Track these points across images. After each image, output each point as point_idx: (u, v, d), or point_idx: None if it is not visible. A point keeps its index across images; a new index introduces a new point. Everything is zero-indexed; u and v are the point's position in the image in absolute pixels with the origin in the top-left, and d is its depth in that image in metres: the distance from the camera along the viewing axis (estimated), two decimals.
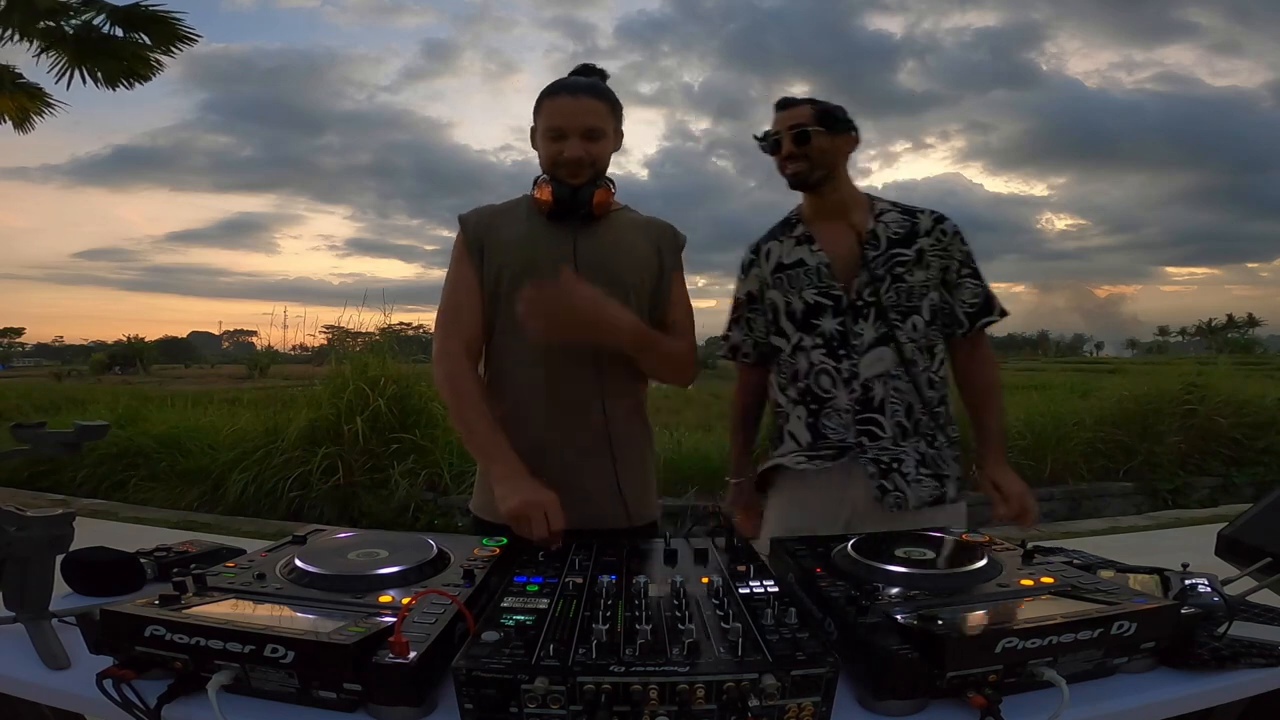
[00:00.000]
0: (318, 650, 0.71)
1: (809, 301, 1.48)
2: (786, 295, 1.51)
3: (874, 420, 1.44)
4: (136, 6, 5.94)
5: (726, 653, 0.72)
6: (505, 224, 1.35)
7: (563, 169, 1.29)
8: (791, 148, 1.48)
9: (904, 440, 1.45)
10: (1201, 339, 59.03)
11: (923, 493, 1.44)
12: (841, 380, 1.45)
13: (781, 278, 1.52)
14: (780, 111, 1.52)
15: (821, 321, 1.47)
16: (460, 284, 1.34)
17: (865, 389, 1.44)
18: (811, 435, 1.47)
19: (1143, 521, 4.42)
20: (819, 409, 1.47)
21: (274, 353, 14.58)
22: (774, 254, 1.54)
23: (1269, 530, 1.08)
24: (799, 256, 1.51)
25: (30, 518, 0.95)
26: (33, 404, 8.09)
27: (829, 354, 1.46)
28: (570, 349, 1.28)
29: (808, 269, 1.49)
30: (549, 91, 1.32)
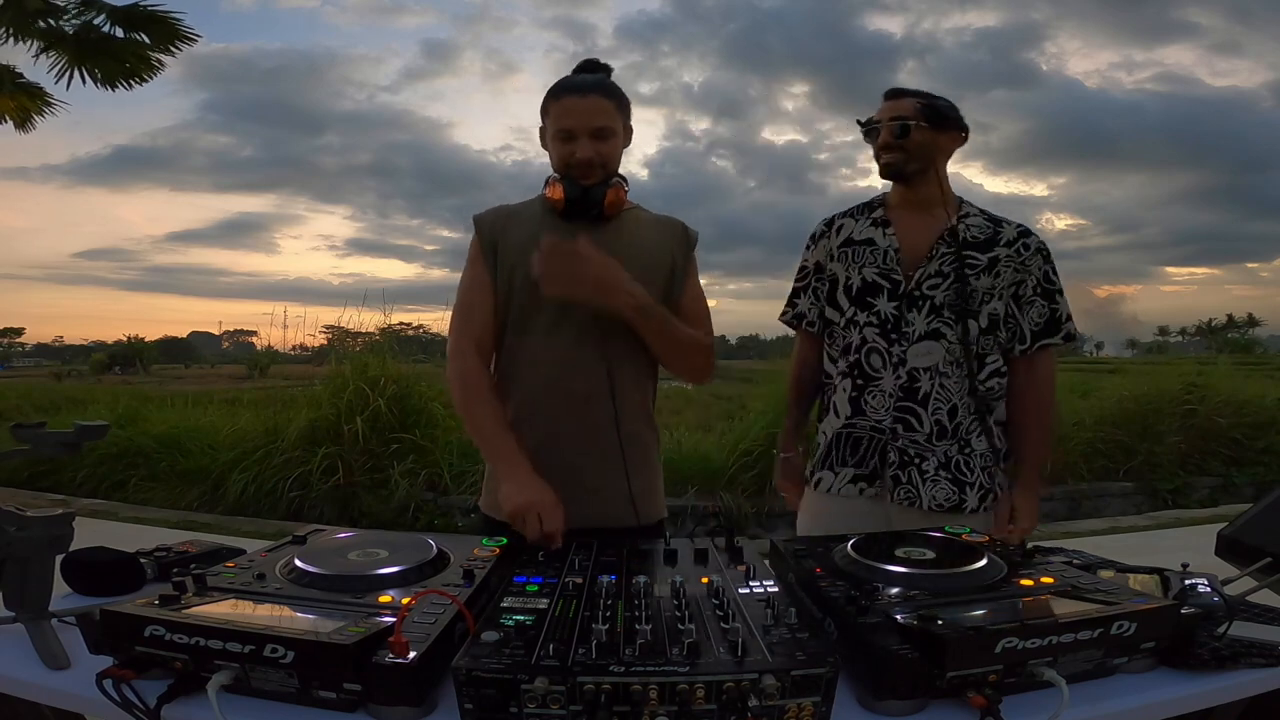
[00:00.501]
0: (318, 650, 0.71)
1: (867, 279, 1.51)
2: (848, 269, 1.54)
3: (913, 410, 1.47)
4: (136, 6, 5.94)
5: (726, 653, 0.72)
6: (518, 225, 1.35)
7: (574, 171, 1.29)
8: (889, 139, 1.49)
9: (938, 440, 1.47)
10: (1201, 339, 59.05)
11: (937, 494, 1.46)
12: (890, 363, 1.48)
13: (847, 251, 1.55)
14: (886, 101, 1.53)
15: (877, 301, 1.50)
16: (474, 284, 1.34)
17: (911, 377, 1.47)
18: (852, 409, 1.52)
19: (1143, 521, 4.42)
20: (865, 385, 1.51)
21: (274, 353, 14.57)
22: (845, 229, 1.57)
23: (1269, 530, 1.08)
24: (870, 236, 1.54)
25: (30, 518, 0.95)
26: (33, 404, 8.08)
27: (881, 334, 1.49)
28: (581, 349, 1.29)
29: (875, 248, 1.52)
30: (556, 92, 1.31)
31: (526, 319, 1.31)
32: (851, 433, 1.52)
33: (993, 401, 1.50)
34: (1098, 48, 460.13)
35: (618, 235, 1.33)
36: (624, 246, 1.32)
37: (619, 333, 1.30)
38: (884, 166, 1.51)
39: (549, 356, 1.30)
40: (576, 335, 1.29)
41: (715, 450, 4.92)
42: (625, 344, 1.31)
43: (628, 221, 1.36)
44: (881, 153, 1.51)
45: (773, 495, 4.48)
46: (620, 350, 1.31)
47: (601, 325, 1.28)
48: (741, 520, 4.43)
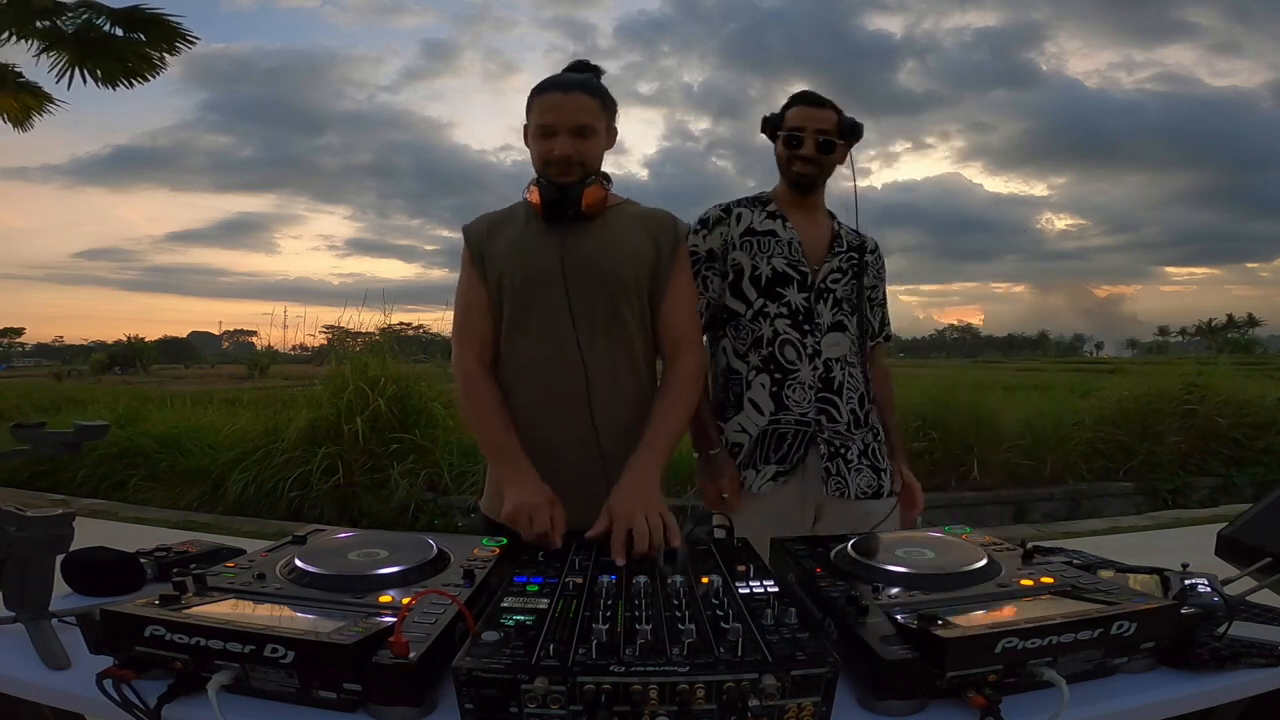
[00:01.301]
0: (318, 650, 0.71)
1: (777, 269, 1.54)
2: (754, 259, 1.55)
3: (832, 401, 1.53)
4: (135, 7, 5.94)
5: (726, 653, 0.72)
6: (503, 231, 1.36)
7: (552, 167, 1.28)
8: (813, 152, 1.54)
9: (855, 429, 1.54)
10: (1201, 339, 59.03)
11: (861, 482, 1.53)
12: (806, 355, 1.52)
13: (751, 241, 1.56)
14: (808, 107, 1.56)
15: (787, 292, 1.53)
16: (469, 295, 1.35)
17: (827, 368, 1.53)
18: (775, 405, 1.53)
19: (1143, 521, 4.42)
20: (783, 379, 1.53)
21: (274, 353, 14.56)
22: (745, 219, 1.59)
23: (1269, 530, 1.08)
24: (771, 228, 1.57)
25: (30, 518, 0.95)
26: (33, 404, 8.07)
27: (794, 326, 1.53)
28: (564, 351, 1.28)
29: (779, 240, 1.56)
30: (540, 89, 1.30)
31: (518, 322, 1.32)
32: (777, 428, 1.52)
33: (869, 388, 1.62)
34: (1098, 48, 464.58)
35: (599, 233, 1.32)
36: (605, 244, 1.32)
37: (603, 333, 1.30)
38: (797, 175, 1.56)
39: (535, 359, 1.31)
40: (560, 336, 1.29)
41: None
42: (610, 344, 1.31)
43: (612, 218, 1.35)
44: (797, 161, 1.55)
45: None
46: (604, 351, 1.30)
47: (588, 325, 1.29)
48: None
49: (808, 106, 1.56)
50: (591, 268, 1.30)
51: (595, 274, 1.30)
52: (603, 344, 1.30)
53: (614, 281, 1.31)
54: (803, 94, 1.59)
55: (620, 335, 1.32)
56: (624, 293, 1.31)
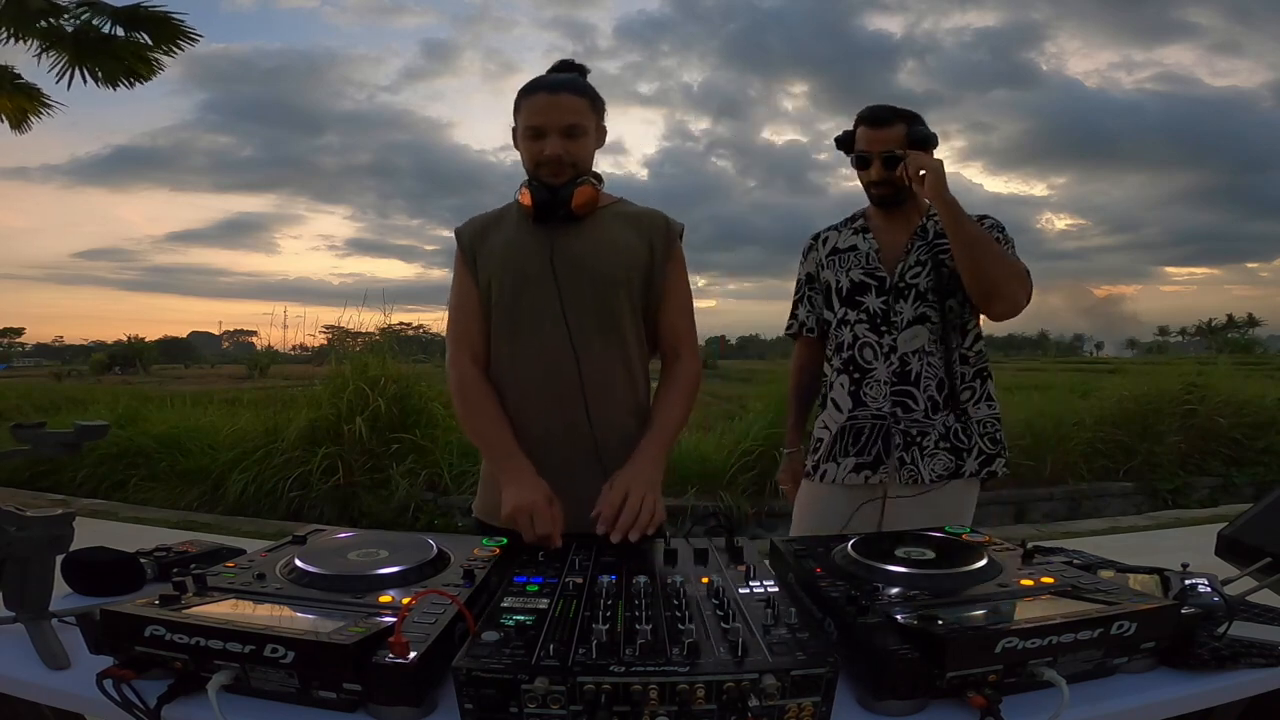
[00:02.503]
0: (318, 650, 0.71)
1: (854, 280, 1.62)
2: (837, 275, 1.66)
3: (908, 393, 1.58)
4: (137, 7, 5.94)
5: (726, 653, 0.72)
6: (494, 232, 1.36)
7: (543, 169, 1.28)
8: (882, 172, 1.57)
9: (934, 414, 1.57)
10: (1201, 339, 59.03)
11: (935, 465, 1.56)
12: (882, 354, 1.59)
13: (835, 259, 1.68)
14: (870, 129, 1.59)
15: (865, 299, 1.61)
16: (462, 296, 1.36)
17: (903, 363, 1.58)
18: (853, 402, 1.62)
19: (1143, 521, 4.42)
20: (861, 378, 1.61)
21: (274, 353, 14.56)
22: (830, 241, 1.71)
23: (1269, 530, 1.08)
24: (853, 243, 1.67)
25: (30, 518, 0.95)
26: (33, 404, 8.07)
27: (871, 329, 1.61)
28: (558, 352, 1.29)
29: (858, 252, 1.65)
30: (527, 90, 1.30)
31: (509, 323, 1.32)
32: (854, 424, 1.61)
33: (981, 367, 1.62)
34: (1098, 48, 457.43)
35: (591, 233, 1.32)
36: (596, 244, 1.31)
37: (602, 332, 1.30)
38: (877, 198, 1.62)
39: (531, 359, 1.30)
40: (554, 337, 1.29)
41: (715, 450, 4.92)
42: (605, 345, 1.31)
43: (604, 218, 1.34)
44: (873, 186, 1.61)
45: (773, 495, 4.48)
46: (599, 352, 1.30)
47: (579, 326, 1.28)
48: (741, 520, 4.43)
49: (870, 128, 1.59)
50: (582, 268, 1.30)
51: (586, 274, 1.29)
52: (597, 343, 1.30)
53: (605, 281, 1.30)
54: (866, 113, 1.60)
55: (613, 335, 1.31)
56: (615, 292, 1.31)
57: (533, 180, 1.30)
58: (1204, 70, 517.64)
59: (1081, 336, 37.81)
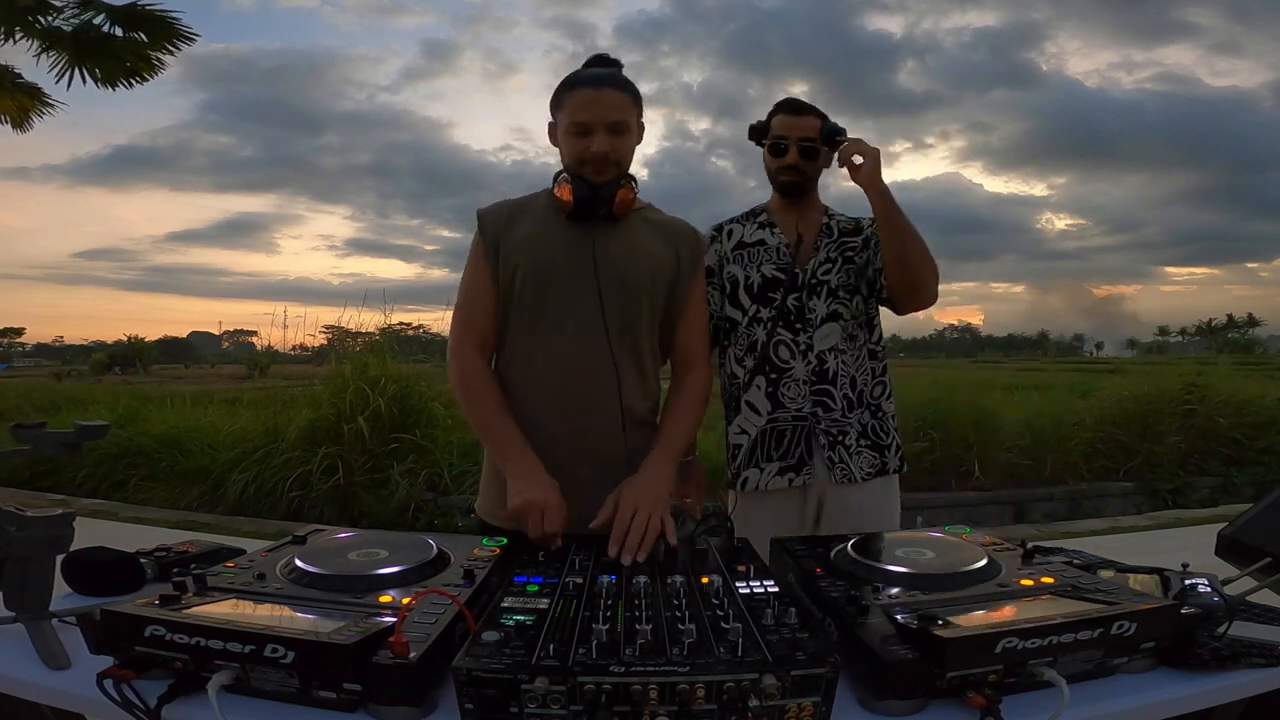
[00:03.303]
0: (318, 650, 0.71)
1: (766, 275, 1.59)
2: (746, 269, 1.62)
3: (827, 392, 1.56)
4: (135, 6, 5.94)
5: (726, 653, 0.72)
6: (522, 221, 1.33)
7: (589, 166, 1.26)
8: (797, 159, 1.58)
9: (850, 412, 1.56)
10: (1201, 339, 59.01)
11: (863, 464, 1.56)
12: (799, 352, 1.56)
13: (742, 254, 1.63)
14: (790, 116, 1.60)
15: (778, 295, 1.58)
16: (475, 282, 1.33)
17: (820, 360, 1.56)
18: (771, 404, 1.57)
19: (1143, 521, 4.42)
20: (778, 378, 1.57)
21: (274, 353, 14.55)
22: (735, 233, 1.66)
23: (1269, 530, 1.08)
24: (760, 237, 1.63)
25: (30, 518, 0.95)
26: (33, 404, 8.07)
27: (785, 326, 1.57)
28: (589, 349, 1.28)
29: (767, 247, 1.62)
30: (570, 84, 1.28)
31: (530, 317, 1.30)
32: (775, 426, 1.57)
33: (885, 362, 1.63)
34: (1098, 48, 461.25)
35: (623, 236, 1.31)
36: (628, 248, 1.31)
37: (627, 333, 1.29)
38: (785, 184, 1.61)
39: (553, 357, 1.28)
40: (584, 335, 1.27)
41: (715, 450, 4.92)
42: (633, 346, 1.30)
43: (635, 222, 1.34)
44: (784, 171, 1.60)
45: None
46: (628, 352, 1.30)
47: (609, 325, 1.28)
48: None
49: (789, 115, 1.60)
50: (613, 270, 1.29)
51: (616, 277, 1.29)
52: (614, 347, 1.29)
53: (632, 286, 1.29)
54: (785, 102, 1.62)
55: (631, 340, 1.31)
56: (639, 298, 1.30)
57: (575, 176, 1.28)
58: (1204, 70, 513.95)
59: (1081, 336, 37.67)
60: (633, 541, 1.06)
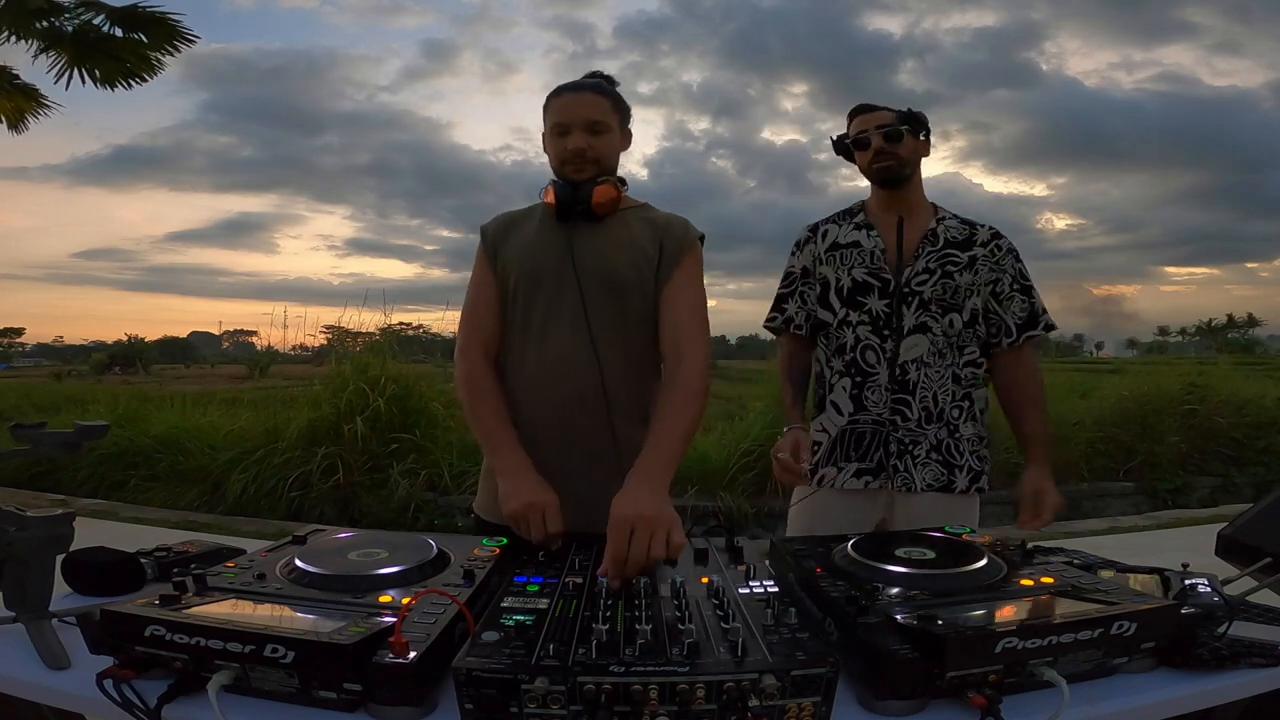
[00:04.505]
0: (318, 650, 0.71)
1: (858, 279, 1.59)
2: (838, 271, 1.61)
3: (905, 401, 1.56)
4: (135, 7, 5.94)
5: (726, 653, 0.72)
6: (518, 230, 1.38)
7: (568, 165, 1.32)
8: (882, 144, 1.57)
9: (927, 425, 1.56)
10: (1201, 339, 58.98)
11: (928, 475, 1.55)
12: (884, 359, 1.56)
13: (835, 255, 1.62)
14: (862, 115, 1.62)
15: (868, 300, 1.58)
16: (479, 290, 1.38)
17: (903, 370, 1.56)
18: (854, 405, 1.59)
19: (1143, 521, 4.42)
20: (863, 381, 1.58)
21: (274, 353, 14.55)
22: (830, 234, 1.65)
23: (1269, 530, 1.08)
24: (855, 239, 1.61)
25: (30, 518, 0.95)
26: (33, 404, 8.07)
27: (874, 331, 1.57)
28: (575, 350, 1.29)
29: (862, 250, 1.60)
30: (554, 93, 1.36)
31: (522, 320, 1.34)
32: (855, 428, 1.58)
33: (971, 389, 1.60)
34: (1097, 48, 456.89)
35: (609, 234, 1.33)
36: (610, 245, 1.32)
37: (614, 333, 1.30)
38: (880, 170, 1.58)
39: (542, 358, 1.31)
40: (570, 336, 1.29)
41: (715, 450, 4.92)
42: (622, 345, 1.31)
43: (623, 220, 1.35)
44: (875, 159, 1.58)
45: (773, 495, 4.47)
46: (616, 352, 1.30)
47: (595, 325, 1.29)
48: (741, 520, 4.43)
49: (864, 114, 1.62)
50: (596, 267, 1.30)
51: (599, 273, 1.30)
52: (606, 344, 1.30)
53: (618, 282, 1.30)
54: (856, 107, 1.65)
55: (623, 337, 1.31)
56: (629, 294, 1.31)
57: (557, 178, 1.34)
58: (1204, 70, 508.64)
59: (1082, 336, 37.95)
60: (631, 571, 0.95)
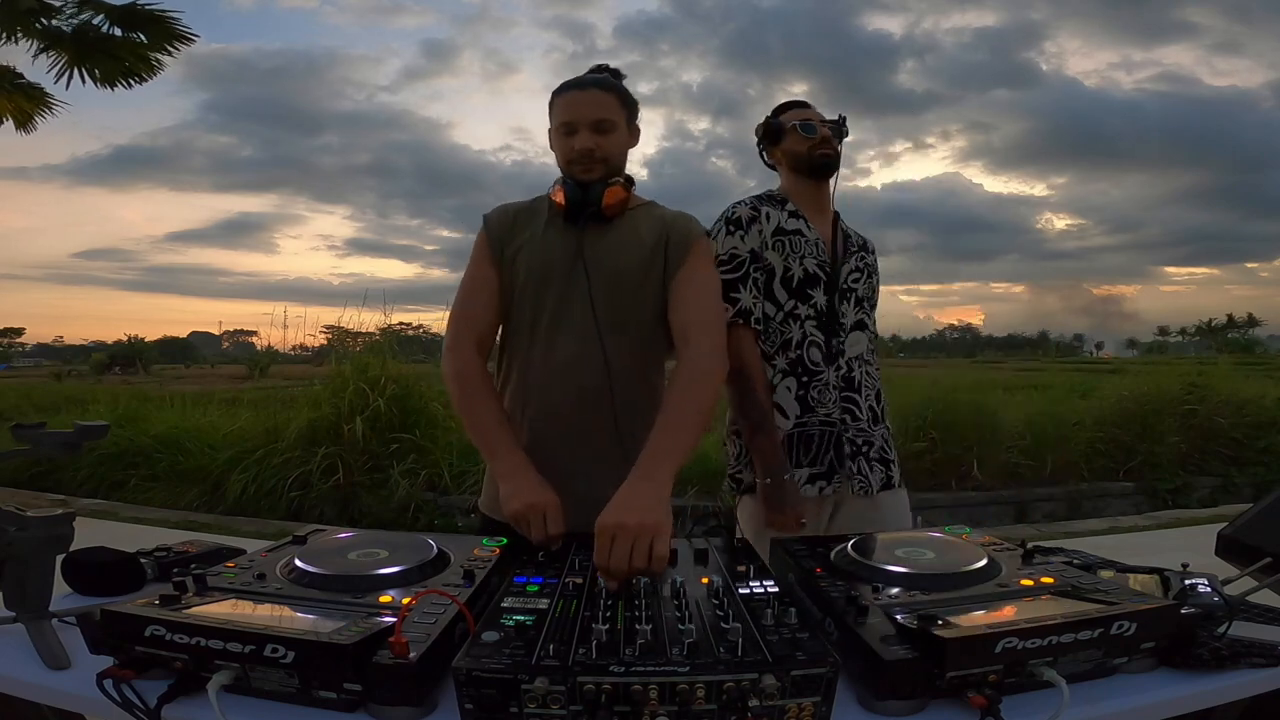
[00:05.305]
0: (317, 650, 0.71)
1: (809, 270, 1.53)
2: (787, 259, 1.52)
3: (854, 400, 1.54)
4: (134, 6, 5.93)
5: (726, 653, 0.72)
6: (525, 225, 1.35)
7: (575, 165, 1.30)
8: (826, 134, 1.57)
9: (873, 425, 1.55)
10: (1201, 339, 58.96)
11: (874, 477, 1.54)
12: (829, 356, 1.52)
13: (783, 241, 1.53)
14: (802, 108, 1.62)
15: (814, 294, 1.53)
16: (476, 282, 1.34)
17: (849, 367, 1.54)
18: (800, 407, 1.51)
19: (1143, 521, 4.42)
20: (809, 381, 1.52)
21: (274, 353, 14.56)
22: (774, 218, 1.54)
23: (1269, 530, 1.08)
24: (797, 227, 1.56)
25: (30, 518, 0.95)
26: (33, 404, 8.07)
27: (819, 327, 1.53)
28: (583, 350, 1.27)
29: (806, 240, 1.55)
30: (558, 90, 1.34)
31: (529, 321, 1.32)
32: (803, 431, 1.50)
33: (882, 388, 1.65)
34: (1097, 48, 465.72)
35: (617, 234, 1.32)
36: (619, 245, 1.31)
37: (622, 333, 1.29)
38: (821, 157, 1.56)
39: (549, 357, 1.30)
40: (577, 335, 1.29)
41: (715, 450, 4.92)
42: (629, 344, 1.30)
43: (631, 219, 1.34)
44: (820, 146, 1.56)
45: None
46: (624, 351, 1.29)
47: (603, 325, 1.28)
48: None
49: (804, 108, 1.62)
50: (605, 266, 1.29)
51: (608, 272, 1.29)
52: (615, 343, 1.29)
53: (626, 280, 1.30)
54: (791, 102, 1.65)
55: (632, 335, 1.30)
56: (637, 292, 1.30)
57: (566, 179, 1.31)
58: (1204, 70, 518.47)
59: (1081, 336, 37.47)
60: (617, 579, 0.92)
